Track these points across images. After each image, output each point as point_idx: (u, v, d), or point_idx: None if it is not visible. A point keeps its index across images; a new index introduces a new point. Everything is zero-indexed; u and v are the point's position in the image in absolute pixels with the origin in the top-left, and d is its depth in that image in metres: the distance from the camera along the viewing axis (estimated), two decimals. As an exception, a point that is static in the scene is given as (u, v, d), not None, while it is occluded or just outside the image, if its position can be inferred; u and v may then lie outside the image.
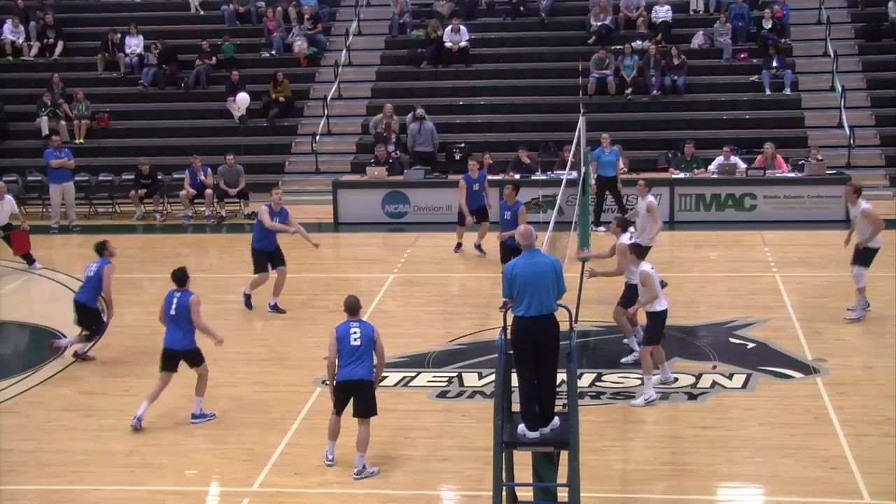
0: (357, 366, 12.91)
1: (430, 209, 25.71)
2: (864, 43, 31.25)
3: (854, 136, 27.89)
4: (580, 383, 14.70)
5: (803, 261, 21.77)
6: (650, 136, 28.50)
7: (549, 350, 10.84)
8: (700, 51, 31.35)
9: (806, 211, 24.75)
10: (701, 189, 25.32)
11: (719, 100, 29.91)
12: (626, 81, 29.83)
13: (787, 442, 13.49)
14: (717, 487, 12.71)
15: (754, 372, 15.71)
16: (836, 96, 29.12)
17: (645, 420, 14.35)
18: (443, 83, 31.38)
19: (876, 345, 16.82)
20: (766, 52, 30.21)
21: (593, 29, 31.71)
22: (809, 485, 12.43)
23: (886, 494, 12.12)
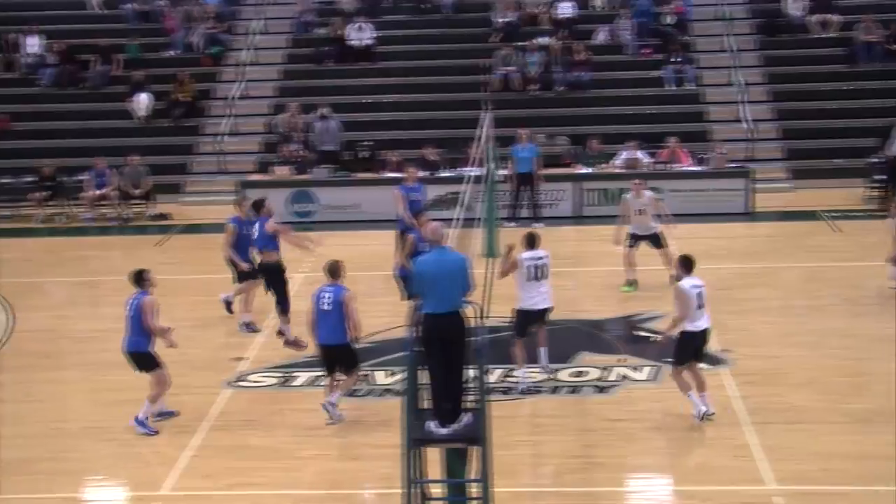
0: (329, 330, 13.84)
1: (337, 208, 25.65)
2: (763, 38, 31.77)
3: (755, 130, 28.32)
4: (489, 379, 14.70)
5: (707, 253, 21.84)
6: (555, 132, 28.64)
7: (457, 346, 10.80)
8: (604, 46, 31.61)
9: (709, 204, 25.04)
10: (606, 184, 25.54)
11: (623, 95, 30.19)
12: (531, 78, 29.97)
13: (695, 432, 13.66)
14: (627, 479, 12.86)
15: (662, 364, 15.82)
16: (737, 91, 29.55)
17: (555, 414, 14.41)
18: (348, 81, 31.28)
19: (780, 334, 17.07)
20: (668, 48, 30.57)
21: (497, 25, 31.81)
22: (717, 473, 12.59)
23: (791, 480, 12.34)
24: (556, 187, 25.38)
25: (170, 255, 22.41)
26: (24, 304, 17.80)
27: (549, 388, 15.19)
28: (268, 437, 13.84)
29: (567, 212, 25.42)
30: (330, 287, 14.07)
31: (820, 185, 26.76)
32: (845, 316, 17.82)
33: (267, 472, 12.92)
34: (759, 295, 19.11)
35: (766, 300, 18.85)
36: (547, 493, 12.48)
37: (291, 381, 15.85)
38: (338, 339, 13.98)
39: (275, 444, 13.63)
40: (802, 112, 29.62)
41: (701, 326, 13.82)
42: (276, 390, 15.61)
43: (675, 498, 12.56)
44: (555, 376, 15.49)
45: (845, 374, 15.41)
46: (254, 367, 16.41)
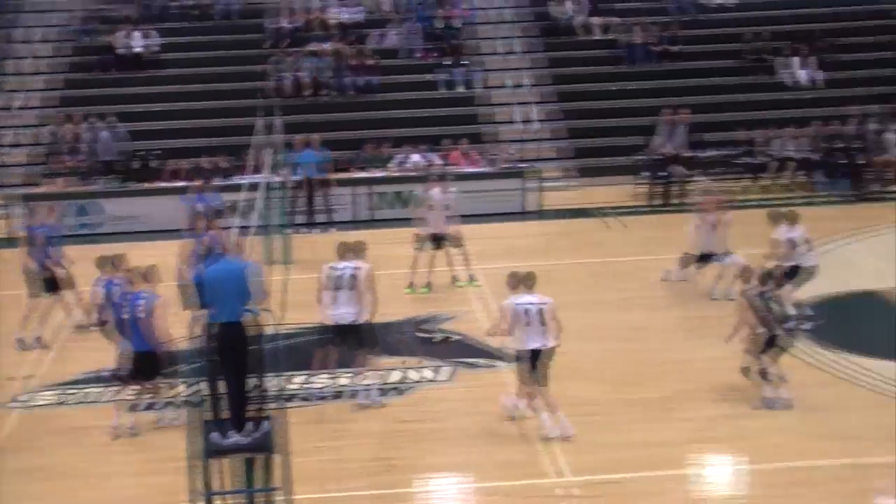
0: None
1: (121, 218, 25.10)
2: (543, 40, 32.41)
3: (539, 131, 28.91)
4: (287, 386, 14.65)
5: (494, 253, 22.25)
6: (340, 137, 28.57)
7: (244, 354, 10.73)
8: (386, 50, 31.71)
9: (495, 204, 25.38)
10: (395, 187, 25.69)
11: (408, 98, 30.36)
12: (314, 82, 29.86)
13: (491, 429, 13.87)
14: (427, 479, 12.96)
15: (454, 364, 16.07)
16: (521, 92, 30.09)
17: (353, 419, 14.42)
18: (128, 90, 30.54)
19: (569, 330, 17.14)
20: (454, 51, 30.90)
21: (285, 31, 31.60)
22: (515, 468, 12.82)
23: (586, 471, 12.69)
24: (348, 191, 25.39)
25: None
26: None
27: (349, 393, 15.16)
28: (49, 456, 13.46)
29: (360, 215, 25.43)
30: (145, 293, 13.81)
31: (601, 183, 27.52)
32: (631, 309, 18.34)
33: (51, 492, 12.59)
34: (547, 292, 19.21)
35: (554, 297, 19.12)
36: (346, 497, 12.45)
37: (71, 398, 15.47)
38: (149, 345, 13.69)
39: (57, 464, 13.26)
40: (581, 112, 30.32)
41: (530, 346, 13.52)
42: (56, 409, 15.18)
43: (478, 495, 12.72)
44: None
45: (634, 365, 15.87)
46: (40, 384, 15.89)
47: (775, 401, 14.16)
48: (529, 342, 13.42)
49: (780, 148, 26.95)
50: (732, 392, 14.70)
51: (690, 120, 26.16)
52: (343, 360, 15.17)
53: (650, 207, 25.72)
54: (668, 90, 30.14)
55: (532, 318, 13.45)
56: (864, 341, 16.73)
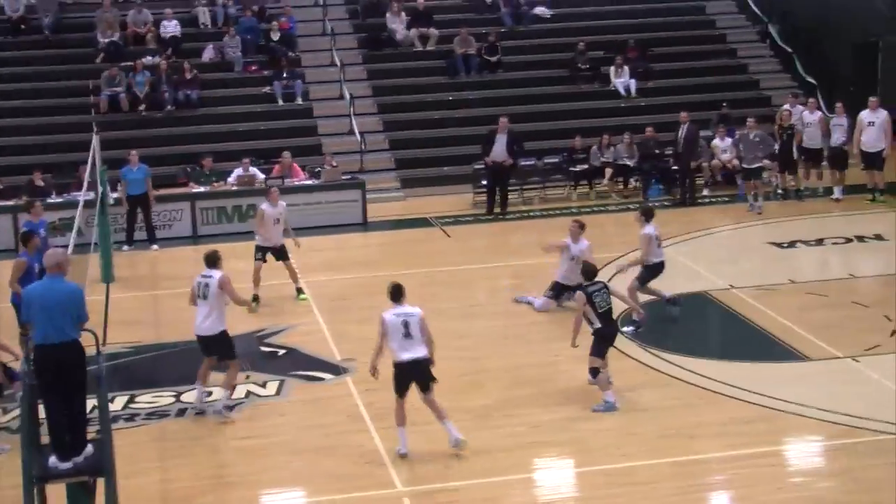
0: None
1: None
2: (367, 52, 32.52)
3: (365, 142, 28.98)
4: (113, 407, 14.34)
5: (326, 265, 22.31)
6: (167, 152, 28.22)
7: (73, 376, 10.49)
8: (211, 64, 31.43)
9: (325, 216, 25.31)
10: (222, 202, 25.40)
11: (234, 112, 30.10)
12: (139, 98, 29.38)
13: (324, 442, 13.85)
14: (260, 495, 12.85)
15: (287, 377, 15.99)
16: (346, 104, 30.11)
17: (182, 437, 14.23)
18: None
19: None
20: (276, 64, 30.75)
21: (101, 46, 30.98)
22: (347, 481, 12.80)
23: (416, 481, 12.79)
24: (172, 207, 25.00)
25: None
26: None
27: (176, 411, 14.96)
28: None
29: (184, 232, 25.07)
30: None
31: (429, 193, 27.75)
32: (461, 318, 18.48)
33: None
34: (378, 303, 19.21)
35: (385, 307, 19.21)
36: (178, 518, 12.27)
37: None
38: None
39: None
40: (409, 123, 30.55)
41: (406, 357, 13.23)
42: None
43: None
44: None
45: (464, 372, 15.96)
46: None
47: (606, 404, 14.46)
48: (408, 353, 13.22)
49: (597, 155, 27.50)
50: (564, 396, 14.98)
51: (511, 128, 26.48)
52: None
53: (476, 217, 25.96)
54: (491, 100, 30.54)
55: (410, 330, 13.30)
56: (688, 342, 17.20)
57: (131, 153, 24.17)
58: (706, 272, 20.42)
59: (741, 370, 15.87)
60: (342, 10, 33.96)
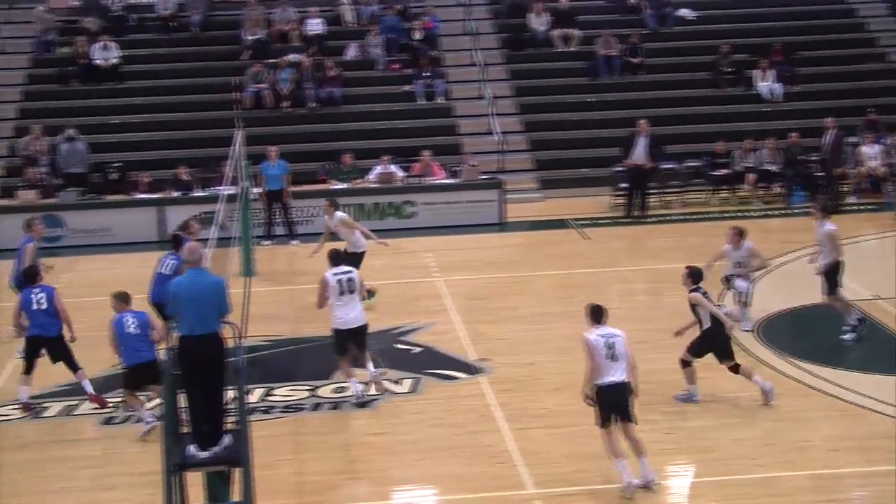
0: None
1: (86, 232, 24.93)
2: (509, 52, 32.49)
3: (505, 142, 28.94)
4: (250, 399, 14.57)
5: (463, 264, 22.35)
6: (308, 149, 28.60)
7: (214, 368, 10.69)
8: (354, 62, 31.74)
9: (462, 216, 25.46)
10: (361, 199, 25.66)
11: (375, 110, 30.35)
12: (283, 94, 29.83)
13: (455, 442, 13.79)
14: (391, 492, 12.86)
15: (422, 376, 16.00)
16: (486, 104, 30.12)
17: (317, 431, 14.34)
18: (94, 102, 30.42)
19: (534, 341, 17.41)
20: (417, 63, 30.92)
21: (247, 43, 31.56)
22: (477, 481, 12.72)
23: (548, 483, 12.60)
24: (311, 204, 25.30)
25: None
26: None
27: (311, 406, 15.11)
28: (16, 473, 13.27)
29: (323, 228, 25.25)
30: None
31: (568, 195, 27.60)
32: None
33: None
34: (514, 303, 19.51)
35: (520, 308, 19.24)
36: (311, 511, 12.37)
37: (41, 412, 15.26)
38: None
39: (23, 480, 13.10)
40: (549, 124, 30.43)
41: (609, 381, 12.39)
42: (24, 422, 14.98)
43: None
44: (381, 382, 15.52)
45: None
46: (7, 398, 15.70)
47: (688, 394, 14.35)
48: (613, 376, 12.37)
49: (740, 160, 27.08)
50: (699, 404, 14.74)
51: (652, 132, 26.22)
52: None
53: (614, 219, 25.76)
54: (632, 102, 30.25)
55: (615, 352, 12.52)
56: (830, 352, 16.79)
57: (270, 149, 24.56)
58: (851, 282, 19.89)
59: (885, 383, 15.40)
60: (484, 9, 34.00)
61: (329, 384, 15.70)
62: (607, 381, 12.29)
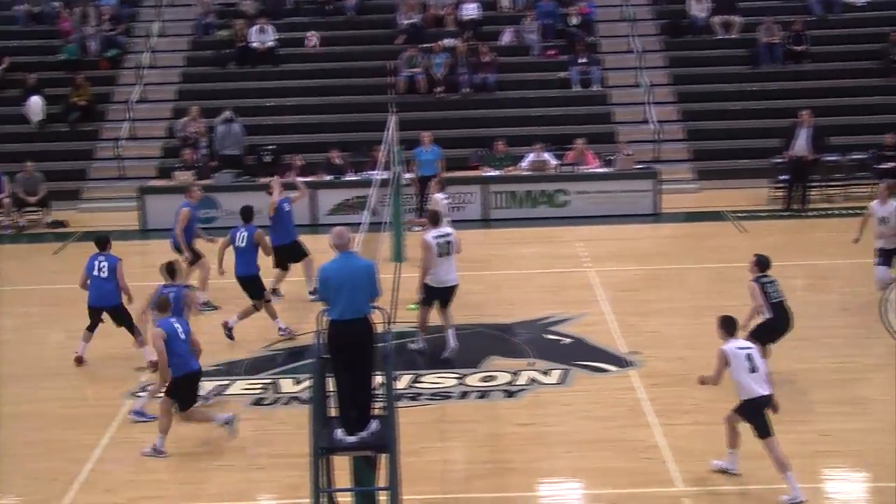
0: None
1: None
2: (667, 39, 31.95)
3: (661, 131, 28.45)
4: (398, 385, 14.49)
5: (615, 255, 22.06)
6: (461, 135, 28.52)
7: (364, 353, 10.65)
8: (509, 48, 31.55)
9: (616, 205, 25.10)
10: (513, 186, 25.47)
11: (529, 97, 30.13)
12: (436, 80, 29.80)
13: (604, 435, 13.59)
14: (537, 483, 12.70)
15: (570, 367, 15.78)
16: (643, 92, 29.66)
17: (463, 420, 14.24)
18: (250, 84, 30.84)
19: (687, 336, 17.04)
20: (573, 49, 30.60)
21: (402, 27, 31.62)
22: (625, 476, 12.52)
23: (697, 481, 12.32)
24: (463, 190, 25.19)
25: (67, 264, 21.66)
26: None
27: (458, 394, 15.01)
28: (170, 448, 13.44)
29: (475, 215, 25.25)
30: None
31: (725, 186, 26.97)
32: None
33: (170, 484, 12.64)
34: (666, 296, 19.16)
35: (673, 301, 18.89)
36: (456, 499, 12.30)
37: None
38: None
39: (178, 456, 13.29)
40: (707, 113, 29.79)
41: (761, 392, 12.01)
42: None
43: (585, 501, 12.46)
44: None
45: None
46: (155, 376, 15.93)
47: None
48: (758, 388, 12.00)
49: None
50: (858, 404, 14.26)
51: (815, 123, 25.44)
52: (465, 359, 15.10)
53: (772, 212, 25.08)
54: (794, 92, 29.42)
55: (755, 364, 12.12)
56: None
57: (424, 134, 24.52)
58: None
59: None
60: (643, -5, 33.48)
61: (477, 373, 15.58)
62: (761, 392, 12.01)
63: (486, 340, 16.57)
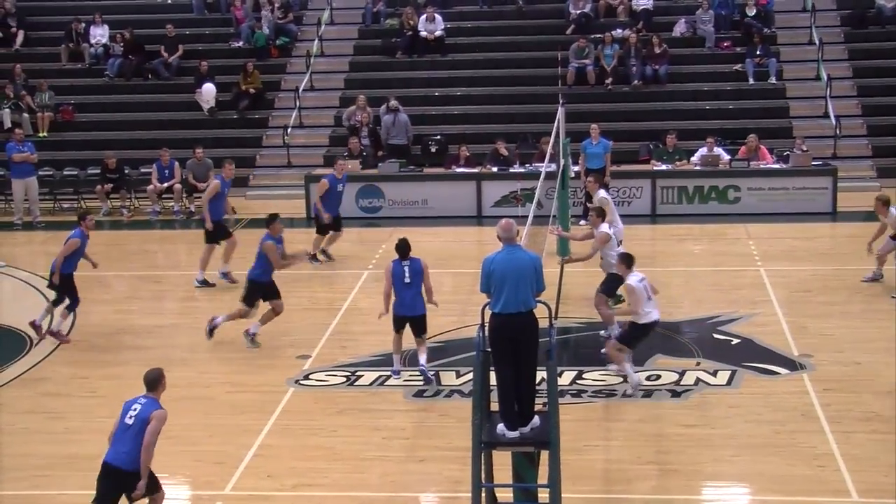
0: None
1: (405, 203, 25.29)
2: (849, 30, 30.93)
3: (840, 126, 27.52)
4: (561, 381, 14.34)
5: (788, 254, 21.46)
6: (631, 127, 28.09)
7: (527, 347, 10.48)
8: (682, 39, 30.97)
9: (791, 203, 24.40)
10: (683, 181, 24.94)
11: (702, 89, 29.52)
12: (607, 71, 29.39)
13: (774, 440, 13.21)
14: (702, 487, 12.42)
15: (739, 368, 15.39)
16: (822, 85, 28.77)
17: (627, 419, 14.01)
18: (418, 73, 30.89)
19: (862, 340, 16.51)
20: (749, 41, 29.85)
21: (572, 17, 31.28)
22: (797, 483, 12.14)
23: (876, 492, 11.86)
24: (632, 184, 24.76)
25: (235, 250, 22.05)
26: (86, 298, 17.63)
27: (623, 392, 14.75)
28: (332, 437, 13.56)
29: (643, 210, 24.78)
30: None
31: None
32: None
33: (331, 473, 12.68)
34: (841, 298, 18.55)
35: (849, 304, 18.31)
36: (619, 499, 12.10)
37: (356, 380, 15.48)
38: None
39: (339, 445, 13.36)
40: (889, 108, 28.68)
41: (653, 318, 14.42)
42: (341, 389, 15.24)
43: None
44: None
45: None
46: (318, 365, 16.06)
47: None
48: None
49: None
50: None
51: None
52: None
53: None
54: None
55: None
56: None
57: (592, 127, 24.18)
58: None
59: None
60: (824, -16, 32.49)
61: (642, 371, 15.22)
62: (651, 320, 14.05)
63: (652, 338, 16.19)
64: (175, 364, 15.73)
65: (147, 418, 10.66)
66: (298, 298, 18.76)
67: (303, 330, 17.64)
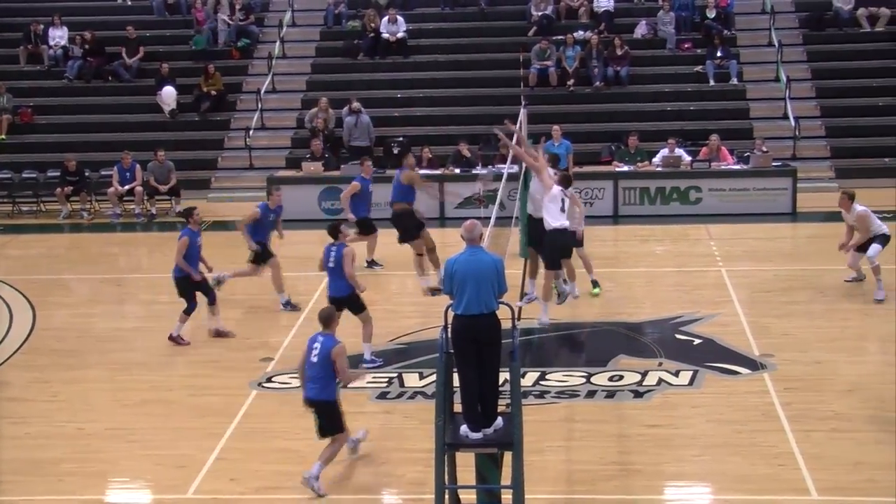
0: (313, 383, 12.34)
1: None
2: (808, 32, 31.19)
3: (799, 128, 27.72)
4: (524, 382, 14.32)
5: (749, 255, 21.57)
6: (593, 129, 28.19)
7: (490, 348, 10.50)
8: (643, 41, 31.11)
9: (752, 203, 24.56)
10: (645, 182, 25.05)
11: (663, 91, 29.67)
12: (569, 72, 29.48)
13: (735, 439, 13.26)
14: (664, 487, 12.45)
15: (701, 368, 15.41)
16: (781, 87, 29.00)
17: (590, 419, 13.99)
18: (380, 75, 30.89)
19: (823, 339, 16.60)
20: (710, 42, 30.03)
21: (534, 19, 31.35)
22: (757, 482, 12.19)
23: (835, 490, 11.92)
24: (594, 185, 24.84)
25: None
26: (46, 302, 17.56)
27: (585, 393, 14.76)
28: (295, 440, 13.49)
29: (605, 211, 24.86)
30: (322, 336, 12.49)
31: (866, 185, 25.94)
32: (891, 321, 17.20)
33: (294, 476, 12.54)
34: (802, 298, 18.64)
35: (810, 303, 18.37)
36: (581, 499, 12.06)
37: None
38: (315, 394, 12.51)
39: (302, 448, 13.24)
40: (848, 109, 28.99)
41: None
42: (304, 392, 15.16)
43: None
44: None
45: (891, 380, 14.79)
46: (281, 367, 15.99)
47: None
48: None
49: None
50: None
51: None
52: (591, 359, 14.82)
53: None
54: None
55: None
56: None
57: (554, 128, 24.27)
58: None
59: None
60: (783, -14, 32.72)
61: (605, 372, 15.29)
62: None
63: (615, 339, 16.25)
64: (137, 367, 15.66)
65: (328, 354, 12.04)
66: (262, 301, 18.69)
67: (266, 332, 17.59)
